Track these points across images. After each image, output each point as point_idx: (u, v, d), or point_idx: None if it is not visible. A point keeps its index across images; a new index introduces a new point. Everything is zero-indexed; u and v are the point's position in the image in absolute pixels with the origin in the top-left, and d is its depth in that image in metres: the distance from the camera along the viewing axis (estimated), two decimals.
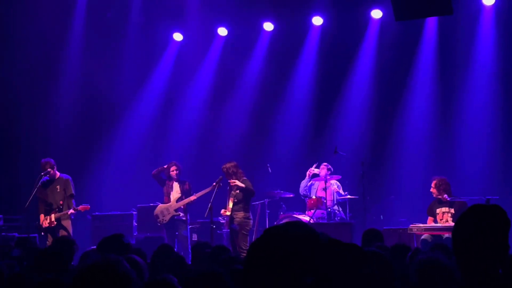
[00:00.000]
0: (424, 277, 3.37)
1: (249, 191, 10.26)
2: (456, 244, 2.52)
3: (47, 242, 10.46)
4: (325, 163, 12.28)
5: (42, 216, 10.69)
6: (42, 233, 10.62)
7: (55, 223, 10.57)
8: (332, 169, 12.25)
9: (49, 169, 10.65)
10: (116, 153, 14.44)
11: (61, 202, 10.66)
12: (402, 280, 3.72)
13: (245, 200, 10.34)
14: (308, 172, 12.23)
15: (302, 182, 12.30)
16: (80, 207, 10.67)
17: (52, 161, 10.79)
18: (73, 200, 10.74)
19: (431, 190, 10.25)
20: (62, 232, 10.51)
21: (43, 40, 13.41)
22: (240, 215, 10.26)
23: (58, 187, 10.71)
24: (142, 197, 12.96)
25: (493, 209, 2.53)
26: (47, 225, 10.56)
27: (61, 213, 10.61)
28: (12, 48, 13.29)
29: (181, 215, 11.30)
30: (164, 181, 11.57)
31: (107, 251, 4.71)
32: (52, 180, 10.78)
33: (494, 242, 2.45)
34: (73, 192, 10.79)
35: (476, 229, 2.47)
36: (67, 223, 10.64)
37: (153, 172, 11.60)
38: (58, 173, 10.83)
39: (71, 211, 10.59)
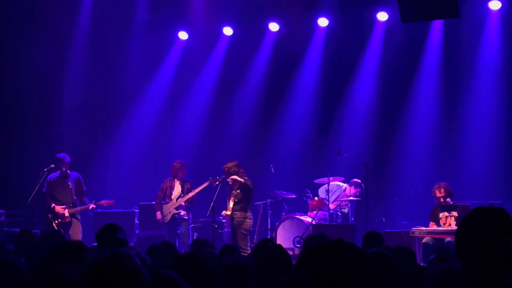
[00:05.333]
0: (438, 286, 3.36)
1: (247, 187, 10.22)
2: (459, 247, 2.50)
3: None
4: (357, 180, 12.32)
5: (58, 207, 10.71)
6: (56, 228, 10.65)
7: (69, 218, 10.67)
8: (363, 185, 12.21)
9: (63, 166, 10.83)
10: (119, 151, 14.43)
11: (74, 198, 10.80)
12: (406, 282, 3.70)
13: (245, 199, 10.31)
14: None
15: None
16: (103, 202, 10.86)
17: (68, 157, 10.92)
18: (85, 196, 11.00)
19: (440, 196, 10.08)
20: (75, 227, 10.70)
21: (49, 37, 13.42)
22: (239, 214, 10.24)
23: (70, 183, 10.85)
24: (144, 195, 12.96)
25: (496, 212, 2.51)
26: (65, 216, 10.64)
27: (78, 208, 10.80)
28: (18, 45, 13.29)
29: (182, 213, 11.29)
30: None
31: (106, 241, 4.75)
32: (64, 176, 10.89)
33: (497, 245, 2.43)
34: (84, 188, 11.02)
35: (478, 233, 2.45)
36: (79, 218, 10.88)
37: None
38: (68, 171, 10.96)
39: (92, 205, 10.77)
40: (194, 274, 3.06)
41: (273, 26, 14.27)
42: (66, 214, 10.69)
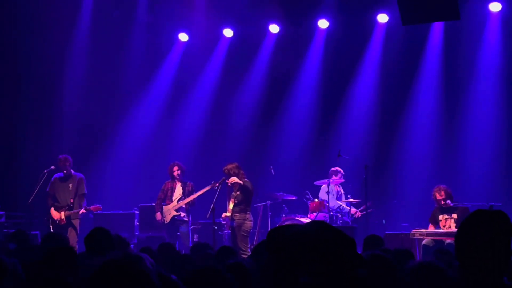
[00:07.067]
0: (416, 280, 3.37)
1: (246, 188, 10.20)
2: (458, 249, 2.50)
3: None
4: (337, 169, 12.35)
5: (53, 211, 10.69)
6: (52, 230, 10.60)
7: (65, 221, 10.62)
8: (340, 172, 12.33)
9: (65, 167, 10.78)
10: (119, 152, 14.43)
11: (71, 200, 10.73)
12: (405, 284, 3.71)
13: (245, 201, 10.29)
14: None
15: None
16: (92, 207, 10.82)
17: (70, 158, 10.88)
18: (84, 199, 10.86)
19: (440, 198, 10.10)
20: (71, 231, 10.59)
21: (50, 38, 13.42)
22: (239, 216, 10.22)
23: (70, 185, 10.80)
24: (144, 196, 12.96)
25: (496, 215, 2.52)
26: (61, 219, 10.58)
27: (72, 211, 10.69)
28: (18, 46, 13.30)
29: (182, 215, 11.29)
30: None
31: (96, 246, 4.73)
32: (66, 177, 10.85)
33: (497, 247, 2.44)
34: (85, 191, 10.89)
35: (478, 234, 2.46)
36: (76, 222, 10.78)
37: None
38: (72, 171, 10.90)
39: (82, 210, 10.71)
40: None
41: (274, 28, 14.27)
42: (62, 217, 10.64)
